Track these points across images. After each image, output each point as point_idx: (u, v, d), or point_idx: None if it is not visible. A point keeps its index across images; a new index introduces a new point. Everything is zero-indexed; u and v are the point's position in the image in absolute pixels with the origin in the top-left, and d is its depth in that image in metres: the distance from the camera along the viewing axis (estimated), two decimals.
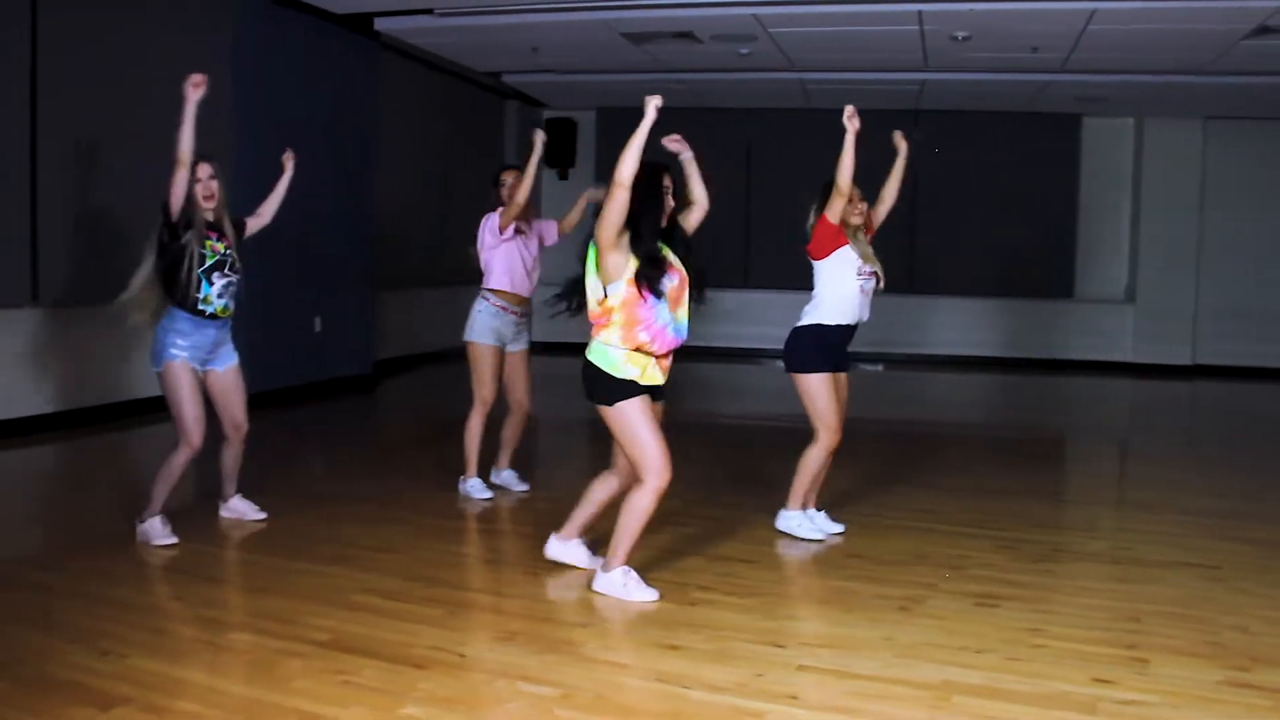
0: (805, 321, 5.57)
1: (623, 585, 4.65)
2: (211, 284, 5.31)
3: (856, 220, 5.55)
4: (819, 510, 5.77)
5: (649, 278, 4.46)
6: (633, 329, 4.49)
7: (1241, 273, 14.13)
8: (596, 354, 4.56)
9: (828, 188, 5.51)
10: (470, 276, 6.69)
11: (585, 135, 15.46)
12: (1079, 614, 4.55)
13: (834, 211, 5.42)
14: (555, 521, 5.06)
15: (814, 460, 5.60)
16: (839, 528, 5.73)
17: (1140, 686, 3.74)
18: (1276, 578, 5.12)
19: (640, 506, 4.60)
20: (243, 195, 9.12)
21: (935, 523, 6.00)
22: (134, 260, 5.33)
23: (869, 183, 5.57)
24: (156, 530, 5.30)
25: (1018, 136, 14.41)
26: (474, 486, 6.44)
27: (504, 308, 6.34)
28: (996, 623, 4.42)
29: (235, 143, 9.24)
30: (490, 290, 6.35)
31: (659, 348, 4.55)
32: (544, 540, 5.05)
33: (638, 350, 4.51)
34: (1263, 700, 3.65)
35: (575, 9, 9.71)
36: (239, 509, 5.78)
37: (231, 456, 5.74)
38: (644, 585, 4.67)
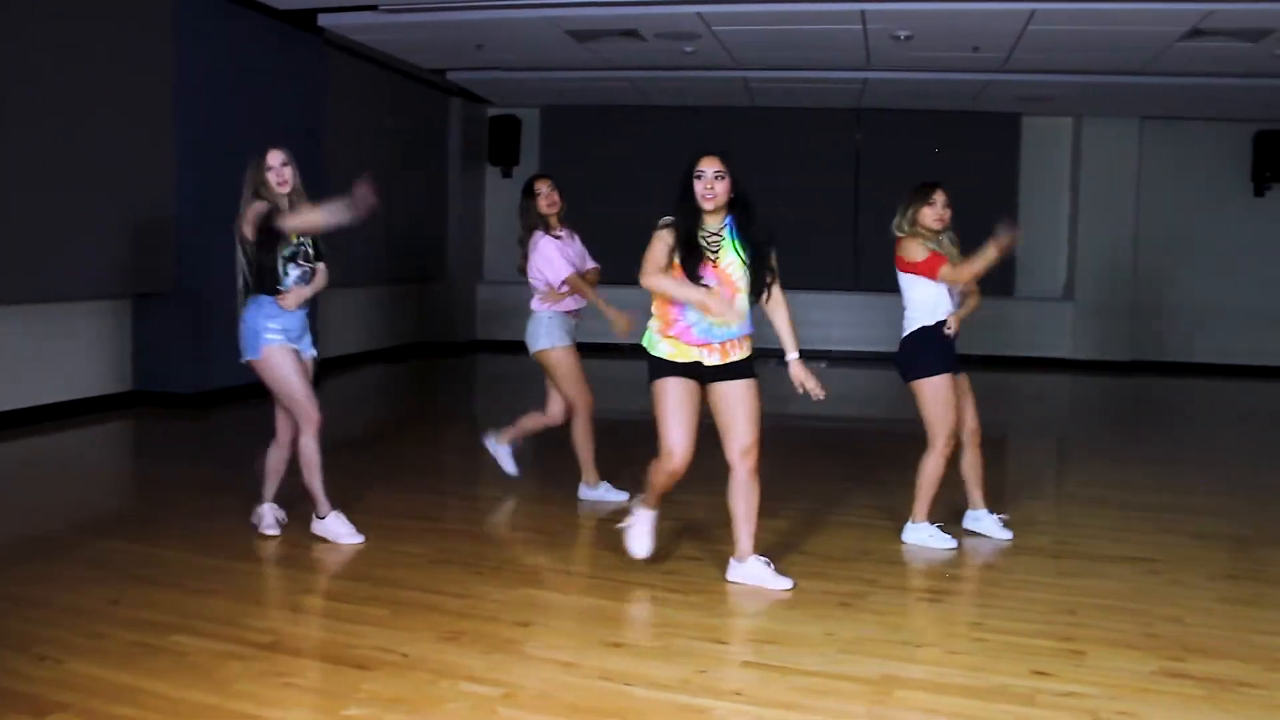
0: (914, 327, 5.48)
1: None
2: (288, 274, 5.32)
3: (938, 226, 5.49)
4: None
5: (685, 263, 4.64)
6: (667, 322, 4.71)
7: (1177, 270, 14.36)
8: (645, 336, 4.80)
9: (919, 191, 5.51)
10: (412, 275, 6.72)
11: (529, 133, 15.43)
12: (1019, 607, 4.61)
13: (919, 251, 5.41)
14: (501, 522, 5.04)
15: (933, 470, 5.48)
16: (1007, 532, 5.71)
17: (1078, 678, 3.81)
18: (1211, 570, 5.22)
19: (653, 480, 4.86)
20: (182, 192, 9.09)
21: (879, 518, 6.04)
22: (75, 258, 5.26)
23: (812, 180, 5.58)
24: (339, 528, 5.35)
25: (958, 135, 14.54)
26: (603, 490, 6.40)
27: (567, 311, 6.30)
28: (938, 617, 4.48)
29: (176, 139, 9.15)
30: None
31: (688, 342, 4.69)
32: (490, 539, 5.03)
33: (673, 336, 4.69)
34: (1196, 689, 3.72)
35: (519, 6, 9.68)
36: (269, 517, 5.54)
37: (279, 459, 5.54)
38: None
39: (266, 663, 3.82)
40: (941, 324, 5.45)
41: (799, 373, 4.81)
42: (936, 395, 5.41)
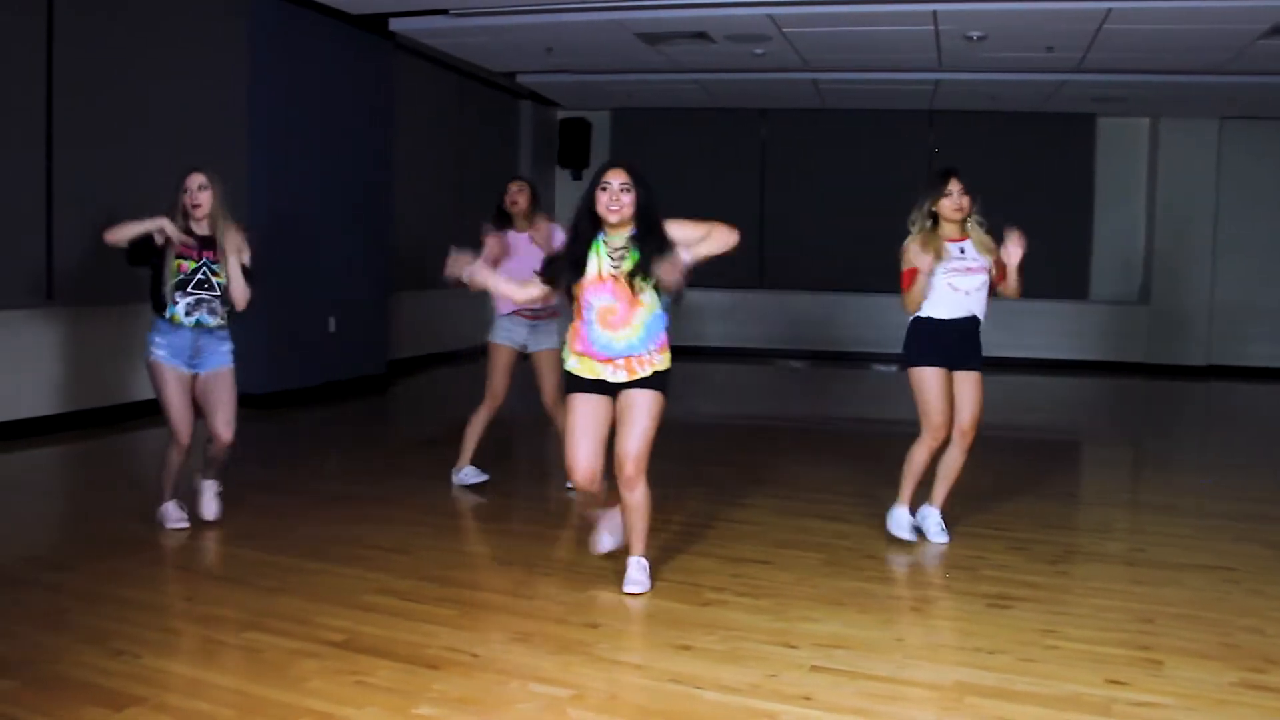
0: (916, 315, 5.53)
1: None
2: (176, 303, 5.38)
3: (958, 215, 5.44)
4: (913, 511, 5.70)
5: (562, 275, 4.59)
6: (574, 336, 4.63)
7: (1256, 273, 14.08)
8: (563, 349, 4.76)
9: (932, 183, 5.51)
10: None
11: (600, 135, 15.48)
12: (1093, 615, 4.53)
13: (905, 260, 5.44)
14: (568, 522, 5.06)
15: (916, 457, 5.53)
16: (943, 537, 5.63)
17: (1154, 688, 3.73)
18: None
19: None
20: (255, 195, 9.22)
21: (949, 523, 5.97)
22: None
23: (883, 183, 5.55)
24: (170, 514, 5.55)
25: (1032, 137, 14.39)
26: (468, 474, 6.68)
27: (514, 312, 6.58)
28: (1010, 624, 4.41)
29: (249, 143, 9.29)
30: None
31: (593, 358, 4.60)
32: (555, 540, 5.04)
33: (580, 352, 4.64)
34: (1278, 702, 3.63)
35: (589, 9, 9.72)
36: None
37: (213, 450, 5.64)
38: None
39: (338, 661, 3.86)
40: (952, 323, 5.45)
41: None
42: (922, 385, 5.45)
